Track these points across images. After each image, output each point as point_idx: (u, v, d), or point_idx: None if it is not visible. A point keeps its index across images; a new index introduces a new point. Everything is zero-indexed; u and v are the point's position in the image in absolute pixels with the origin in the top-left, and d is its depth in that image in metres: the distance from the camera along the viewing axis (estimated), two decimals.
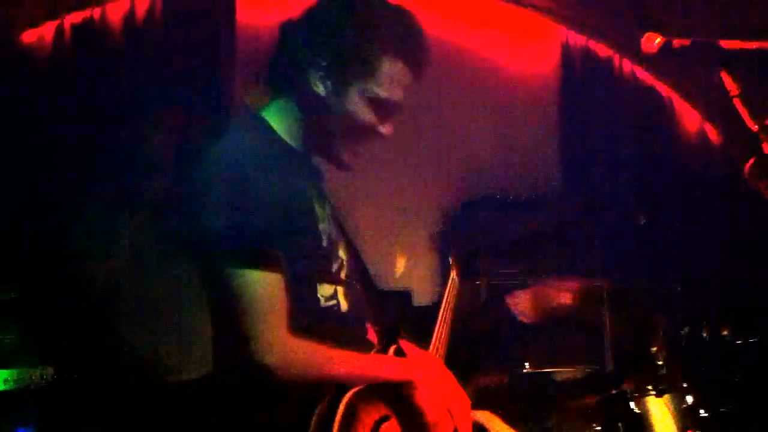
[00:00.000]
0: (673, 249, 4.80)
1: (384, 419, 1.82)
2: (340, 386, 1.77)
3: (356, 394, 1.77)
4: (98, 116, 4.07)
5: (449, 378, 2.00)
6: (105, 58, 4.28)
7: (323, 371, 1.79)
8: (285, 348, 1.75)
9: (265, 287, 1.75)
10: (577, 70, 5.19)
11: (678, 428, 2.75)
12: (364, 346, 1.93)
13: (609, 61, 5.23)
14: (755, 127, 1.85)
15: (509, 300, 3.55)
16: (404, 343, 1.99)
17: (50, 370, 3.28)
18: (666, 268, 4.64)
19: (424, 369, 1.95)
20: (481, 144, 5.03)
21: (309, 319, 1.83)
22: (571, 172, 5.14)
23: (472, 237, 3.86)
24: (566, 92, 5.20)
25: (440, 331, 2.23)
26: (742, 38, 1.92)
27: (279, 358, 1.73)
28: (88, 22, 4.34)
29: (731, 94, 1.90)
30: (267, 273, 1.75)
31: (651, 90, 5.26)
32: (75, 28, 4.33)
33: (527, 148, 5.10)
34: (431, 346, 2.18)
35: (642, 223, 4.31)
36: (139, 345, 3.65)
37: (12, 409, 3.19)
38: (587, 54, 5.20)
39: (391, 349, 1.98)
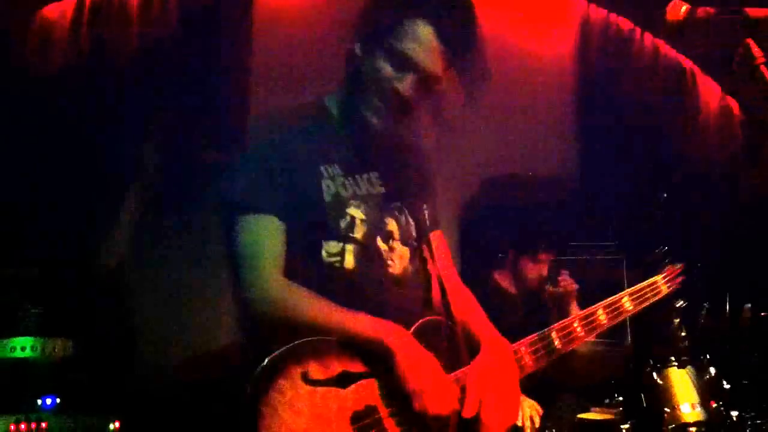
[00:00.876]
0: (692, 225, 4.78)
1: (359, 375, 1.89)
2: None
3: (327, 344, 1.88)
4: (108, 100, 4.08)
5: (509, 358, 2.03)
6: (119, 40, 4.27)
7: (304, 315, 1.93)
8: (271, 286, 1.94)
9: (256, 230, 1.96)
10: (598, 43, 5.13)
11: (700, 399, 2.74)
12: (367, 303, 1.97)
13: (630, 33, 5.17)
14: None
15: (497, 275, 3.58)
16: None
17: (69, 343, 3.33)
18: (684, 243, 4.61)
19: (403, 336, 1.93)
20: (500, 124, 4.99)
21: (309, 271, 1.97)
22: (590, 147, 5.10)
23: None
24: (586, 66, 5.15)
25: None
26: None
27: (264, 295, 1.93)
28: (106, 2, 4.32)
29: (757, 61, 1.88)
30: (259, 217, 1.96)
31: (672, 63, 5.20)
32: (94, 4, 4.31)
33: (547, 125, 5.06)
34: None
35: (663, 198, 4.30)
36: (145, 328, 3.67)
37: (37, 378, 3.24)
38: (607, 27, 5.14)
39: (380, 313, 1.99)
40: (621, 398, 2.94)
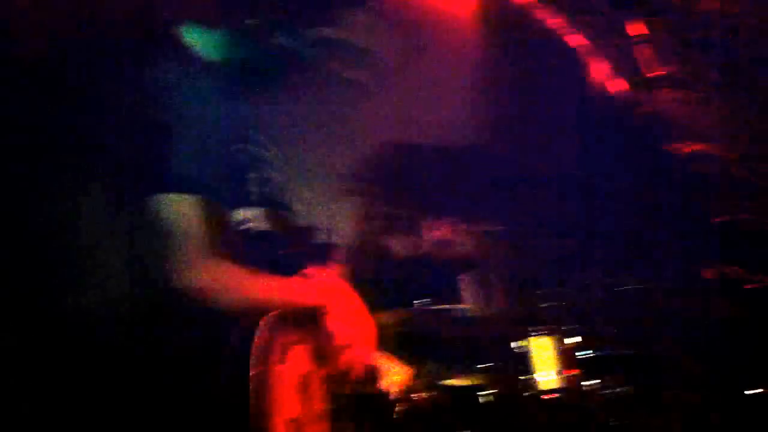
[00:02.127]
0: (576, 199, 4.92)
1: (293, 343, 1.92)
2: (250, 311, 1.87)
3: (272, 318, 1.87)
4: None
5: (359, 303, 2.10)
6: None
7: (241, 294, 1.87)
8: (202, 270, 1.83)
9: (180, 211, 1.83)
10: (494, 15, 5.18)
11: (558, 367, 2.86)
12: (284, 268, 1.99)
13: (529, 6, 5.23)
14: (657, 73, 1.88)
15: (395, 238, 3.65)
16: (315, 269, 2.11)
17: None
18: (568, 217, 4.75)
19: (336, 293, 2.02)
20: (401, 85, 4.98)
21: (230, 242, 1.90)
22: (486, 118, 5.17)
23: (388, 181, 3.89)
24: (482, 38, 5.20)
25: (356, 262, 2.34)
26: None
27: (196, 280, 1.82)
28: None
29: (638, 39, 1.93)
30: (182, 197, 1.84)
31: (563, 38, 5.30)
32: None
33: (449, 93, 5.09)
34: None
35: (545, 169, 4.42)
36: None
37: None
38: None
39: (302, 273, 2.06)
40: (492, 364, 3.03)
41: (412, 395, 2.65)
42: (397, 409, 2.59)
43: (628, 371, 3.04)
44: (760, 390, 3.12)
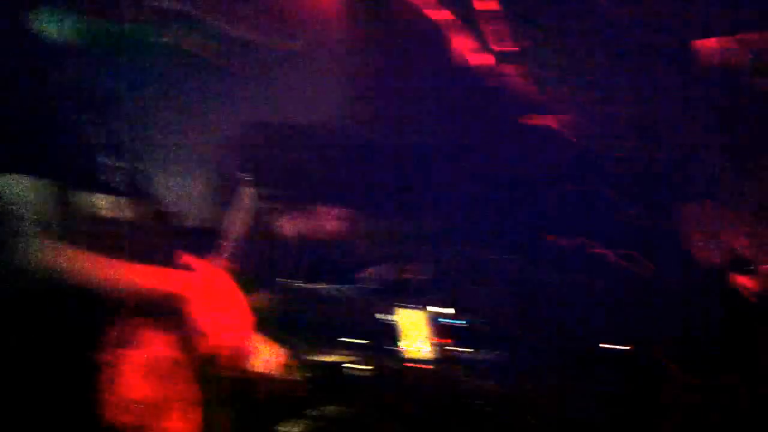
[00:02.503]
0: (447, 174, 5.00)
1: (146, 328, 1.90)
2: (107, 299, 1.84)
3: (123, 302, 1.85)
4: None
5: (230, 287, 2.09)
6: None
7: (91, 278, 1.82)
8: (46, 253, 1.78)
9: (23, 192, 1.77)
10: None
11: (428, 338, 2.92)
12: (145, 257, 1.95)
13: None
14: (508, 48, 1.92)
15: (279, 222, 3.64)
16: (186, 257, 2.09)
17: None
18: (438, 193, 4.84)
19: (201, 279, 2.00)
20: (266, 68, 4.92)
21: (87, 227, 1.86)
22: (355, 100, 5.18)
23: (256, 163, 3.86)
24: (349, 15, 5.19)
25: (225, 246, 2.32)
26: None
27: (40, 263, 1.77)
28: None
29: (492, 15, 1.96)
30: (24, 177, 1.77)
31: (427, 16, 5.36)
32: None
33: (315, 74, 5.06)
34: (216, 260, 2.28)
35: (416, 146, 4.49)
36: None
37: None
38: None
39: (173, 260, 2.04)
40: (362, 342, 3.06)
41: (283, 374, 2.65)
42: (267, 389, 2.59)
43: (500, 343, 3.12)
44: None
